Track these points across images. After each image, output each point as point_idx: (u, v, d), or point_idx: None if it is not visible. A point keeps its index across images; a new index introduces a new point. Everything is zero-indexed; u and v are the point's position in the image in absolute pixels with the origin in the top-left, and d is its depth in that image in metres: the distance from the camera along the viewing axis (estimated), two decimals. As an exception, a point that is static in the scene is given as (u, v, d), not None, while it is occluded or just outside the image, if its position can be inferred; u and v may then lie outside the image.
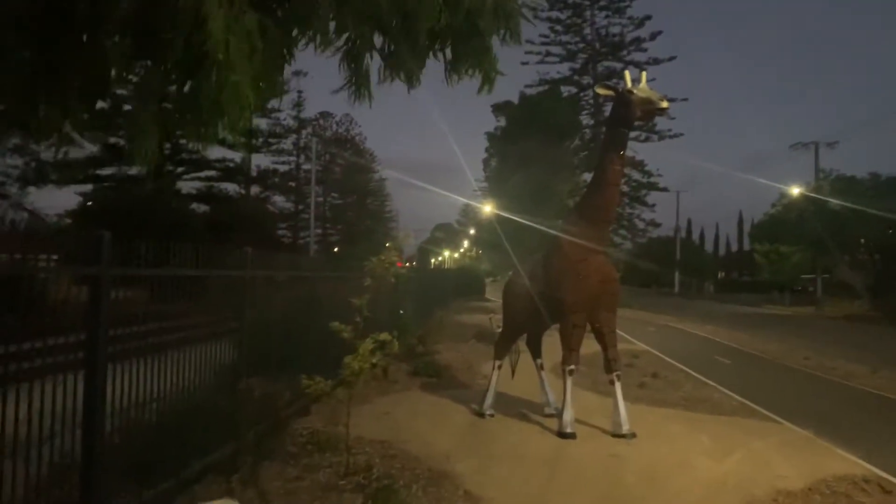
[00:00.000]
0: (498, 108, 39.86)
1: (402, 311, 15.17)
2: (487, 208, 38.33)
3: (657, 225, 64.02)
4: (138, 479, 4.77)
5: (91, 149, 38.81)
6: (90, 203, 35.89)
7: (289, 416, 7.52)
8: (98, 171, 42.44)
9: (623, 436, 7.76)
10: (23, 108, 4.22)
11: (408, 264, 50.68)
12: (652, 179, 61.28)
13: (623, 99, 8.06)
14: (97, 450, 4.12)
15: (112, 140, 41.38)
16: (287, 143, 65.37)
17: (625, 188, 53.53)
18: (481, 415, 8.78)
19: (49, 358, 3.93)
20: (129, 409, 4.72)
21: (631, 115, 8.10)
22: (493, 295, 42.99)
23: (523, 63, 60.76)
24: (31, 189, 30.96)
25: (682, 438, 7.90)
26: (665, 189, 62.57)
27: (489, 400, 8.91)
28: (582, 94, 60.75)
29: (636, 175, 59.87)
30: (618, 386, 8.06)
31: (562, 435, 7.76)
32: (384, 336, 6.38)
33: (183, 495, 5.10)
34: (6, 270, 3.72)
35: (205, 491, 5.29)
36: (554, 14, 60.09)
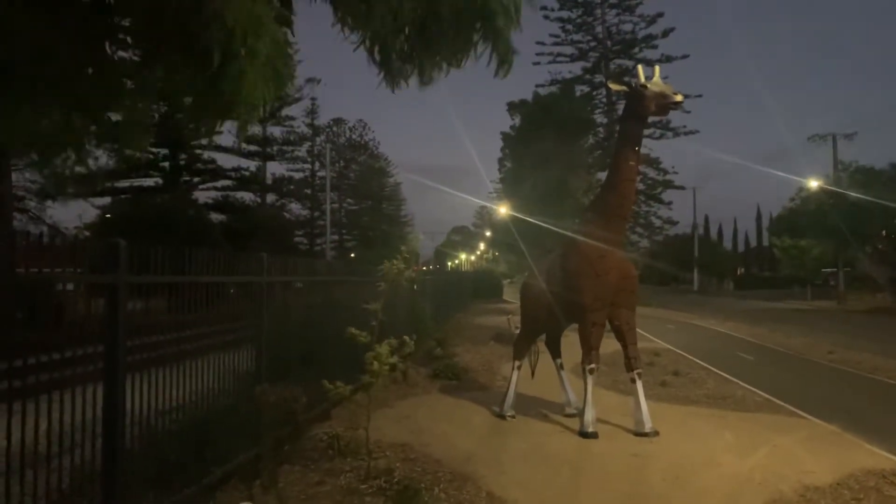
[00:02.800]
0: (513, 107, 39.73)
1: (420, 314, 15.14)
2: (503, 209, 38.24)
3: (674, 222, 63.67)
4: (160, 486, 4.77)
5: (108, 161, 39.16)
6: (108, 215, 36.26)
7: (309, 420, 7.50)
8: (115, 184, 42.91)
9: (645, 434, 7.68)
10: (37, 120, 4.27)
11: (424, 268, 50.77)
12: (667, 177, 60.95)
13: (637, 94, 8.01)
14: (118, 458, 4.12)
15: (128, 152, 41.90)
16: (301, 151, 65.70)
17: (640, 186, 53.27)
18: (502, 416, 8.73)
19: (68, 369, 3.94)
20: (150, 417, 4.73)
21: (645, 110, 8.05)
22: (511, 296, 42.92)
23: (535, 63, 60.84)
24: (50, 203, 31.30)
25: (706, 436, 7.80)
26: (681, 186, 62.23)
27: (509, 401, 8.86)
28: (595, 93, 60.60)
29: (652, 173, 59.57)
30: (639, 384, 7.98)
31: (583, 434, 7.69)
32: (405, 338, 6.36)
33: (205, 501, 5.10)
34: (24, 280, 3.74)
35: (226, 497, 5.29)
36: (564, 14, 60.11)
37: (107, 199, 41.75)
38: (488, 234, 63.69)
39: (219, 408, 5.84)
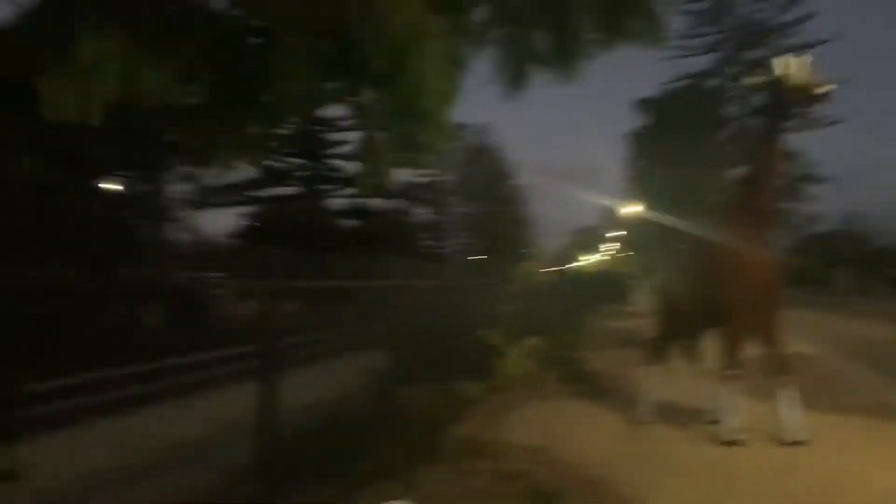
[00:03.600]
0: (643, 104, 38.82)
1: (548, 316, 15.07)
2: (632, 208, 37.35)
3: (820, 218, 59.79)
4: (304, 482, 5.03)
5: (250, 172, 41.66)
6: (252, 224, 38.53)
7: (442, 421, 7.67)
8: (256, 193, 45.48)
9: (794, 444, 7.28)
10: (198, 140, 4.62)
11: (551, 269, 50.41)
12: (811, 171, 57.27)
13: (775, 88, 7.61)
14: (272, 454, 4.39)
15: (267, 163, 44.37)
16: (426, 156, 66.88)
17: (784, 182, 50.45)
18: (636, 422, 8.54)
19: (226, 367, 4.26)
20: (296, 415, 5.01)
21: (785, 105, 7.63)
22: (641, 299, 41.74)
23: (665, 59, 58.93)
24: (198, 212, 33.56)
25: (862, 448, 7.28)
26: (827, 180, 58.19)
27: (644, 406, 8.65)
28: (727, 86, 57.94)
29: (794, 167, 56.18)
30: (786, 391, 7.58)
31: (725, 443, 7.40)
32: (533, 341, 6.39)
33: (346, 498, 5.31)
34: (188, 286, 4.07)
35: (364, 495, 5.49)
36: (695, 6, 57.89)
37: (244, 208, 44.32)
38: (615, 233, 62.40)
39: (357, 406, 6.10)
